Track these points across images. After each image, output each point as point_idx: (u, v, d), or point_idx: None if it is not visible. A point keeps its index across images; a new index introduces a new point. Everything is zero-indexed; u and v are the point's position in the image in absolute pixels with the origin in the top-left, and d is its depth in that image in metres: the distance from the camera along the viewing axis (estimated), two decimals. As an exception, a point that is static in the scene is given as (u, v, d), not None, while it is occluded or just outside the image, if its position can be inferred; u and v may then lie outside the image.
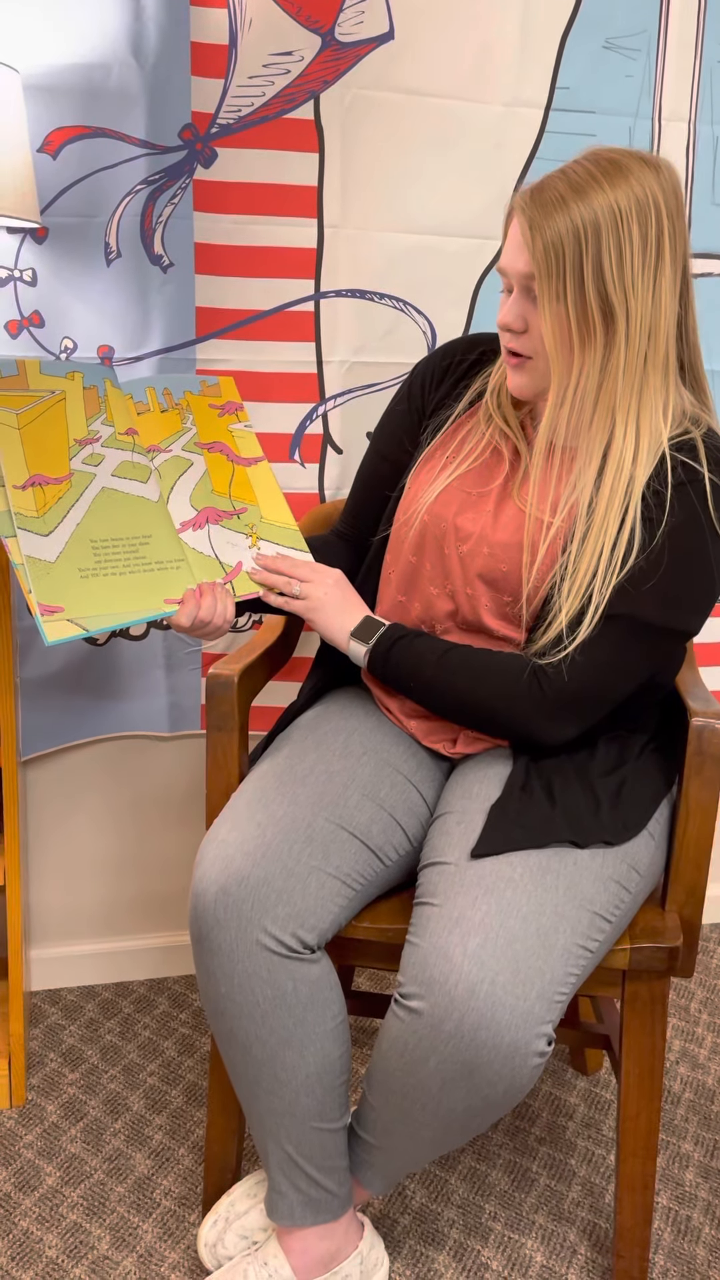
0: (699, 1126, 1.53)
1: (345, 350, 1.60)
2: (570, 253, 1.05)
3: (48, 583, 1.10)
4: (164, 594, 1.16)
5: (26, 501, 1.13)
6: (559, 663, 1.12)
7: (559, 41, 1.56)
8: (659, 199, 1.07)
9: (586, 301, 1.07)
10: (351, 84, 1.50)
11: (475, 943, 1.00)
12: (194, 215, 1.49)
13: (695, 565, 1.10)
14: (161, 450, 1.24)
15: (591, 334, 1.08)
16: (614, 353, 1.09)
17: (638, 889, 1.13)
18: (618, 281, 1.06)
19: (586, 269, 1.06)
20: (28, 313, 1.48)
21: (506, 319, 1.14)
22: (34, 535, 1.11)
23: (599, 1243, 1.34)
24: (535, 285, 1.09)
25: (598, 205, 1.05)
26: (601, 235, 1.05)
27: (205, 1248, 1.25)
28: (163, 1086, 1.57)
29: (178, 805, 1.78)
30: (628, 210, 1.05)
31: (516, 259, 1.10)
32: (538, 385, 1.16)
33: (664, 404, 1.12)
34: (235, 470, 1.27)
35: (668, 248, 1.08)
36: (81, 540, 1.14)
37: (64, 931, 1.78)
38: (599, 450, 1.12)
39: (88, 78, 1.41)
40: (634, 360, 1.09)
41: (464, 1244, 1.33)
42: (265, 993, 1.08)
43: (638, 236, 1.06)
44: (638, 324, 1.08)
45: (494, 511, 1.20)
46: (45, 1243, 1.31)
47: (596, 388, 1.11)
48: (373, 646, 1.21)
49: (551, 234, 1.06)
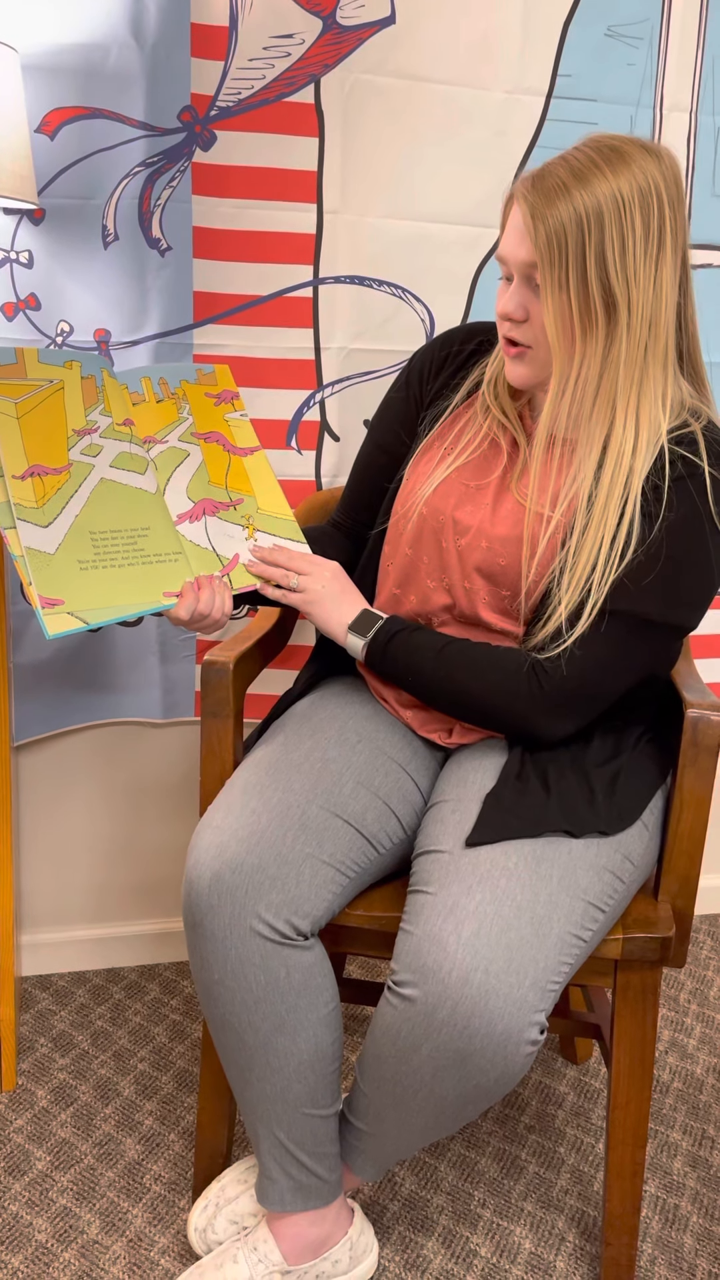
0: (687, 1116, 1.54)
1: (343, 337, 1.59)
2: (573, 241, 1.04)
3: (48, 575, 1.09)
4: (163, 587, 1.16)
5: (26, 492, 1.12)
6: (558, 657, 1.12)
7: (561, 28, 1.55)
8: (660, 187, 1.06)
9: (589, 291, 1.06)
10: (352, 68, 1.49)
11: (469, 931, 1.00)
12: (192, 199, 1.48)
13: (694, 560, 1.10)
14: (158, 441, 1.23)
15: (593, 324, 1.08)
16: (615, 343, 1.08)
17: (631, 879, 1.14)
18: (620, 270, 1.05)
19: (589, 258, 1.05)
20: (24, 295, 1.47)
21: (507, 308, 1.13)
22: (34, 527, 1.11)
23: (587, 1230, 1.35)
24: (537, 274, 1.08)
25: (600, 193, 1.04)
26: (605, 223, 1.04)
27: (195, 1232, 1.25)
28: (153, 1072, 1.57)
29: (170, 792, 1.78)
30: (630, 198, 1.04)
31: (518, 247, 1.09)
32: (538, 375, 1.15)
33: (663, 395, 1.12)
34: (231, 460, 1.26)
35: (669, 237, 1.07)
36: (81, 532, 1.13)
37: (55, 917, 1.78)
38: (599, 442, 1.12)
39: (87, 58, 1.40)
40: (635, 350, 1.09)
41: (453, 1230, 1.33)
42: (258, 979, 1.08)
43: (640, 225, 1.05)
44: (639, 313, 1.07)
45: (492, 504, 1.19)
46: (35, 1227, 1.31)
47: (597, 378, 1.10)
48: (370, 640, 1.21)
49: (554, 222, 1.04)
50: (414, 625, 1.21)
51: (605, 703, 1.17)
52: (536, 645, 1.14)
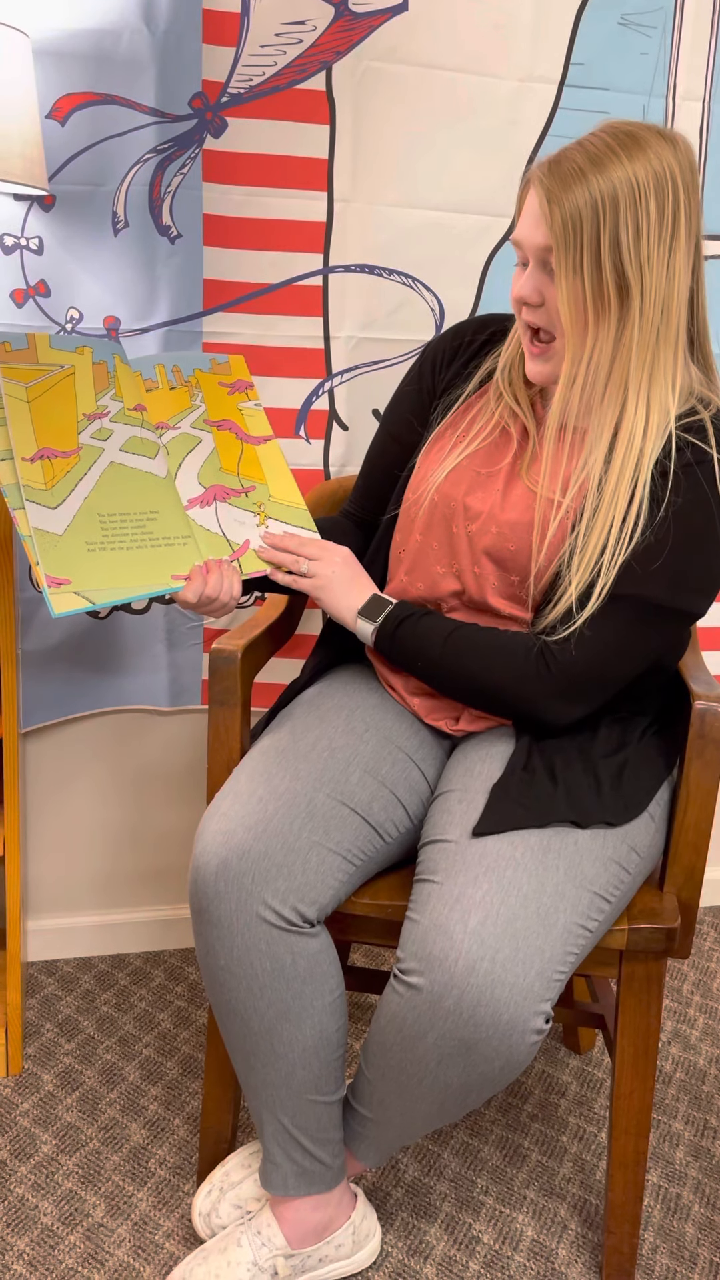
0: (690, 1106, 1.55)
1: (353, 326, 1.59)
2: (588, 226, 1.05)
3: (55, 555, 1.10)
4: (171, 569, 1.16)
5: (35, 474, 1.12)
6: (566, 640, 1.12)
7: (574, 17, 1.54)
8: (675, 173, 1.06)
9: (603, 275, 1.06)
10: (364, 55, 1.49)
11: (476, 920, 1.00)
12: (203, 186, 1.48)
13: (703, 546, 1.10)
14: (170, 427, 1.23)
15: (606, 308, 1.08)
16: (628, 327, 1.09)
17: (637, 870, 1.14)
18: (634, 255, 1.06)
19: (604, 242, 1.05)
20: (34, 281, 1.47)
21: (522, 292, 1.13)
22: (42, 508, 1.11)
23: (589, 1219, 1.35)
24: (552, 258, 1.08)
25: (616, 178, 1.04)
26: (620, 208, 1.04)
27: (199, 1217, 1.26)
28: (158, 1058, 1.58)
29: (176, 779, 1.78)
30: (645, 184, 1.05)
31: (534, 232, 1.09)
32: (558, 371, 1.15)
33: (673, 380, 1.12)
34: (244, 449, 1.26)
35: (683, 222, 1.07)
36: (89, 514, 1.13)
37: (62, 903, 1.79)
38: (610, 427, 1.12)
39: (98, 44, 1.40)
40: (647, 334, 1.09)
41: (455, 1217, 1.34)
42: (264, 965, 1.09)
43: (654, 210, 1.05)
44: (652, 298, 1.07)
45: (503, 490, 1.19)
46: (40, 1210, 1.32)
47: (610, 362, 1.10)
48: (380, 625, 1.21)
49: (570, 207, 1.05)
50: (423, 610, 1.22)
51: (613, 688, 1.17)
52: (545, 628, 1.14)
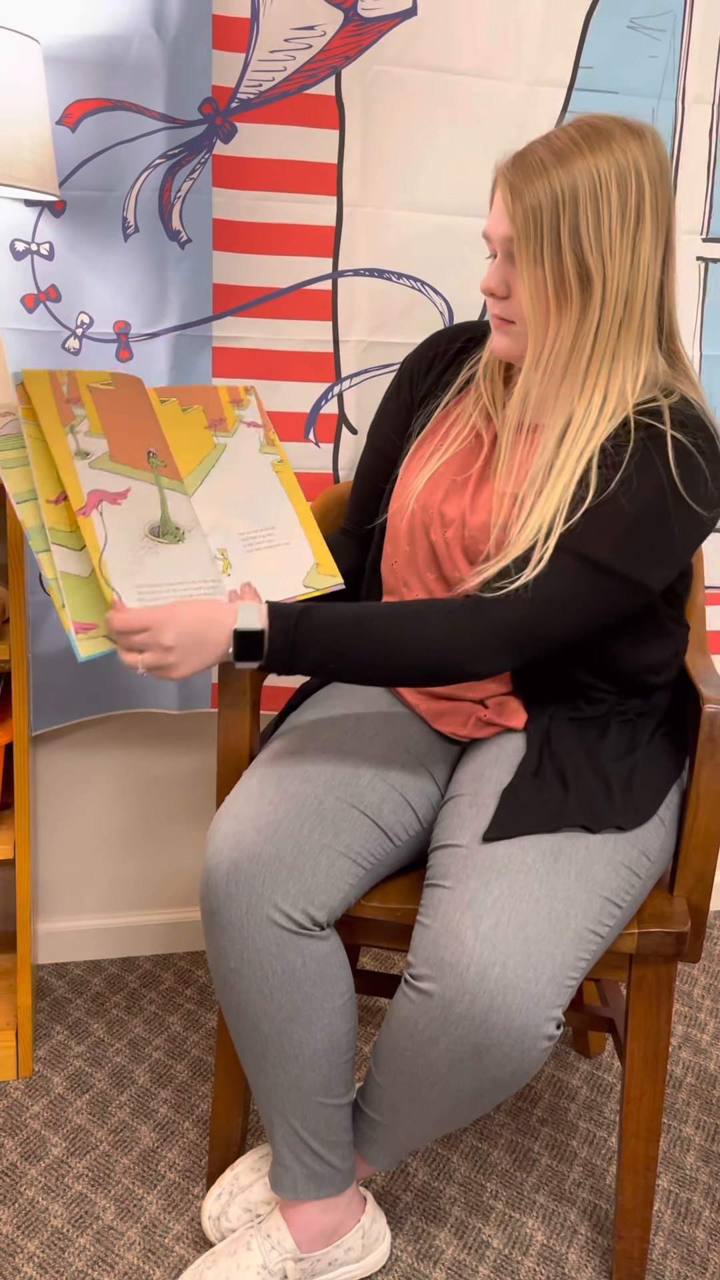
0: (700, 1111, 1.54)
1: (362, 330, 1.59)
2: (548, 216, 1.06)
3: (81, 599, 1.09)
4: None
5: (59, 517, 1.11)
6: (506, 594, 1.08)
7: (583, 20, 1.54)
8: (641, 165, 1.07)
9: (564, 266, 1.07)
10: (373, 60, 1.49)
11: (487, 925, 1.00)
12: (212, 191, 1.48)
13: (652, 515, 1.08)
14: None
15: (568, 298, 1.09)
16: (589, 316, 1.09)
17: (647, 874, 1.14)
18: (595, 245, 1.07)
19: (564, 232, 1.06)
20: (44, 287, 1.48)
21: (489, 284, 1.15)
22: (67, 550, 1.11)
23: (599, 1223, 1.35)
24: (515, 249, 1.10)
25: (577, 171, 1.06)
26: (579, 200, 1.06)
27: (209, 1220, 1.26)
28: (168, 1061, 1.59)
29: (186, 783, 1.78)
30: (607, 176, 1.06)
31: (498, 224, 1.12)
32: (520, 347, 1.16)
33: (636, 370, 1.12)
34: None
35: (649, 214, 1.08)
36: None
37: (71, 906, 1.79)
38: (565, 415, 1.12)
39: (108, 50, 1.40)
40: (608, 325, 1.10)
41: (465, 1222, 1.34)
42: (274, 968, 1.09)
43: (616, 202, 1.06)
44: (614, 288, 1.08)
45: (472, 494, 1.21)
46: (50, 1212, 1.32)
47: (569, 350, 1.11)
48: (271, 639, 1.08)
49: (531, 199, 1.07)
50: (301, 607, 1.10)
51: (548, 646, 1.11)
52: (485, 582, 1.11)
